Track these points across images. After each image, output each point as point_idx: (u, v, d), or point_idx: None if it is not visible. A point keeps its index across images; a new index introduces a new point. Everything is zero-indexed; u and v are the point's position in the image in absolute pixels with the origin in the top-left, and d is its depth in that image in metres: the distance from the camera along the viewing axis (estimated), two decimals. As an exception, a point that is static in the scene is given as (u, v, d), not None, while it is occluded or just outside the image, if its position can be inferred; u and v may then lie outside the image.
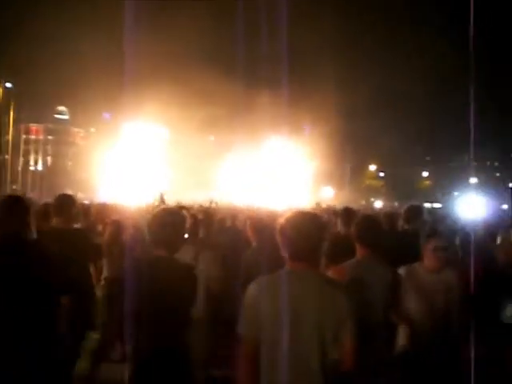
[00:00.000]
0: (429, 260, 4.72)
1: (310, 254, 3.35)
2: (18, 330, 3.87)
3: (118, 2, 34.38)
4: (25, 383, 3.85)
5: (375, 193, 75.06)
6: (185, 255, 5.62)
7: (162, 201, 12.79)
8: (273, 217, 9.00)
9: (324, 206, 22.67)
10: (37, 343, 3.90)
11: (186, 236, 5.73)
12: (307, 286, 3.26)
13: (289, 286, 3.24)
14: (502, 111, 70.40)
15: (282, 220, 3.43)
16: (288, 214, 3.44)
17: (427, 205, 69.80)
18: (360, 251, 4.59)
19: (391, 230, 7.37)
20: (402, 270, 4.72)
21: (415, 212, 7.20)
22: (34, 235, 4.21)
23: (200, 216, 9.54)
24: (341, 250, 4.92)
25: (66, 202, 5.88)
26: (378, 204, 65.27)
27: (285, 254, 3.38)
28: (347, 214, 7.22)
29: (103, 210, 10.76)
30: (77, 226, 6.31)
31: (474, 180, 78.24)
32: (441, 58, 63.93)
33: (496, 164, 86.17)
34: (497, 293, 4.94)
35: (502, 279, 5.05)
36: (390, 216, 7.87)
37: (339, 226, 7.30)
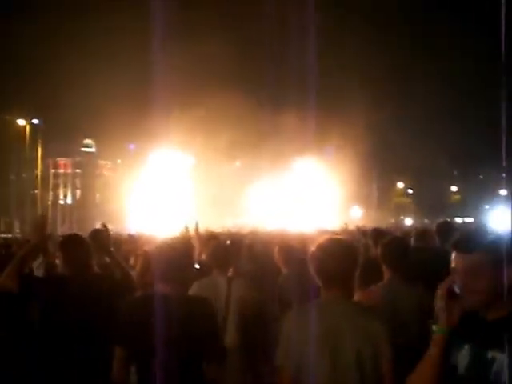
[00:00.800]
0: None
1: (344, 282, 3.35)
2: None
3: (143, 35, 34.83)
4: None
5: (404, 210, 74.57)
6: (218, 285, 5.64)
7: (197, 229, 12.72)
8: (302, 241, 8.96)
9: (352, 226, 22.53)
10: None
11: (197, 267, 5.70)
12: (342, 315, 3.25)
13: (325, 315, 3.23)
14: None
15: (313, 247, 3.43)
16: (319, 241, 3.44)
17: (458, 219, 69.32)
18: (388, 274, 4.53)
19: (425, 247, 7.17)
20: None
21: (447, 228, 6.99)
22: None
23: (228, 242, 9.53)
24: (372, 273, 4.89)
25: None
26: (408, 221, 64.86)
27: (318, 281, 3.38)
28: (376, 234, 7.16)
29: (134, 241, 10.83)
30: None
31: (504, 192, 77.35)
32: (466, 70, 63.56)
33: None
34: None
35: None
36: (422, 233, 7.67)
37: (371, 248, 7.22)
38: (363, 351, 3.15)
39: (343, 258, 3.33)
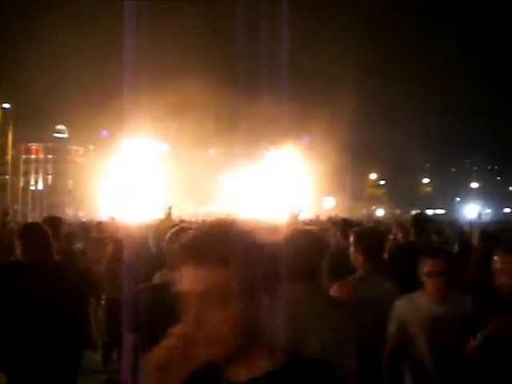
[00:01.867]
0: (427, 288, 3.89)
1: (312, 274, 3.27)
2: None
3: (114, 21, 34.42)
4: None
5: (376, 201, 75.03)
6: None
7: (169, 215, 12.57)
8: (275, 231, 8.91)
9: (324, 216, 22.61)
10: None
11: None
12: (310, 309, 3.16)
13: (290, 308, 3.17)
14: (500, 116, 70.58)
15: (279, 239, 3.36)
16: (285, 233, 3.37)
17: (429, 211, 70.08)
18: (362, 264, 4.36)
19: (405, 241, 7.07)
20: (400, 304, 3.95)
21: (423, 220, 6.83)
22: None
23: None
24: (342, 264, 4.82)
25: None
26: (380, 212, 65.30)
27: (283, 274, 3.31)
28: (345, 225, 7.07)
29: (102, 229, 10.71)
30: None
31: (475, 185, 78.39)
32: (439, 67, 64.12)
33: (496, 167, 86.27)
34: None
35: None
36: (403, 225, 7.55)
37: (338, 238, 7.14)
38: (328, 347, 3.10)
39: (311, 251, 3.25)
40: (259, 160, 53.97)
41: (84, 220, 22.37)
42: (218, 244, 1.46)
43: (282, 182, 48.69)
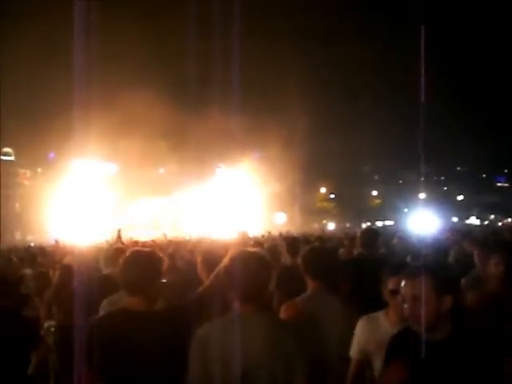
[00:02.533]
0: (391, 306, 3.82)
1: (259, 296, 3.32)
2: None
3: (60, 41, 34.10)
4: None
5: (327, 215, 75.62)
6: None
7: (119, 238, 12.46)
8: (226, 250, 8.86)
9: (276, 233, 22.68)
10: None
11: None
12: (257, 330, 3.21)
13: (239, 331, 3.18)
14: (445, 126, 72.04)
15: (226, 261, 3.37)
16: (233, 254, 3.39)
17: (379, 223, 70.97)
18: (311, 284, 4.40)
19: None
20: (360, 324, 3.93)
21: (371, 235, 6.86)
22: None
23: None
24: (292, 283, 4.85)
25: None
26: (331, 226, 65.84)
27: (232, 295, 3.33)
28: (292, 244, 7.12)
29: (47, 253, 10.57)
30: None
31: (423, 196, 79.73)
32: (385, 77, 65.25)
33: (442, 178, 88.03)
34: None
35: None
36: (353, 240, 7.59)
37: (284, 257, 7.17)
38: (277, 367, 3.13)
39: (258, 272, 3.30)
40: (210, 177, 53.96)
41: (32, 244, 21.96)
42: None
43: (232, 199, 48.73)
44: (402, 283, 3.00)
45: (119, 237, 12.17)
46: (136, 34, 46.18)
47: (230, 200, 49.81)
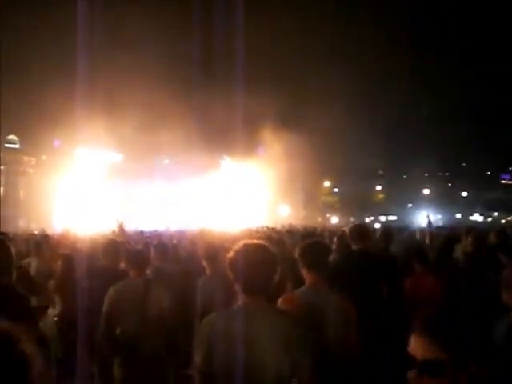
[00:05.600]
0: None
1: (264, 288, 3.33)
2: None
3: (66, 30, 34.07)
4: None
5: (331, 209, 75.65)
6: (132, 287, 5.55)
7: (121, 229, 12.50)
8: (228, 241, 8.92)
9: (279, 226, 22.70)
10: None
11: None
12: (264, 322, 3.25)
13: (244, 322, 3.21)
14: (449, 122, 71.90)
15: (231, 253, 3.39)
16: (237, 247, 3.41)
17: (382, 218, 70.99)
18: (309, 278, 4.42)
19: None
20: None
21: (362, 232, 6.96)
22: None
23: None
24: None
25: None
26: (334, 220, 65.90)
27: (237, 287, 3.35)
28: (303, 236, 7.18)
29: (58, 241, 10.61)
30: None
31: (426, 191, 79.62)
32: (392, 74, 65.00)
33: (447, 174, 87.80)
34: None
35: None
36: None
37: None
38: (282, 359, 3.16)
39: (264, 264, 3.32)
40: (214, 169, 53.96)
41: (36, 232, 22.02)
42: None
43: (236, 192, 48.79)
44: None
45: (122, 229, 12.20)
46: (143, 29, 46.06)
47: (233, 192, 49.88)
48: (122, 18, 45.34)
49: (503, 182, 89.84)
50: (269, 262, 3.35)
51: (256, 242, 3.56)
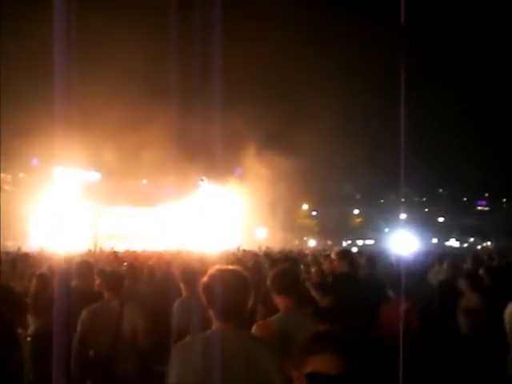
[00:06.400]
0: None
1: (237, 313, 3.33)
2: None
3: (43, 44, 33.93)
4: None
5: (308, 232, 75.63)
6: (106, 310, 5.51)
7: (116, 257, 12.43)
8: (205, 263, 8.92)
9: (256, 249, 22.67)
10: None
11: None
12: (236, 348, 3.23)
13: (218, 348, 3.20)
14: (429, 147, 72.61)
15: (205, 278, 3.38)
16: (211, 272, 3.40)
17: (359, 242, 71.23)
18: (283, 304, 4.41)
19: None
20: None
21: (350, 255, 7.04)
22: None
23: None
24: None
25: None
26: (312, 243, 65.95)
27: (211, 312, 3.34)
28: (275, 260, 7.21)
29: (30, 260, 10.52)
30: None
31: (403, 216, 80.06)
32: (365, 97, 65.66)
33: (424, 199, 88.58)
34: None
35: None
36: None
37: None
38: None
39: (237, 290, 3.32)
40: (192, 191, 53.79)
41: (11, 250, 21.76)
42: None
43: (213, 213, 48.68)
44: None
45: (116, 256, 12.11)
46: (122, 44, 46.00)
47: (211, 213, 49.75)
48: (100, 37, 45.35)
49: (479, 208, 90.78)
50: (242, 288, 3.35)
51: (230, 267, 3.55)
